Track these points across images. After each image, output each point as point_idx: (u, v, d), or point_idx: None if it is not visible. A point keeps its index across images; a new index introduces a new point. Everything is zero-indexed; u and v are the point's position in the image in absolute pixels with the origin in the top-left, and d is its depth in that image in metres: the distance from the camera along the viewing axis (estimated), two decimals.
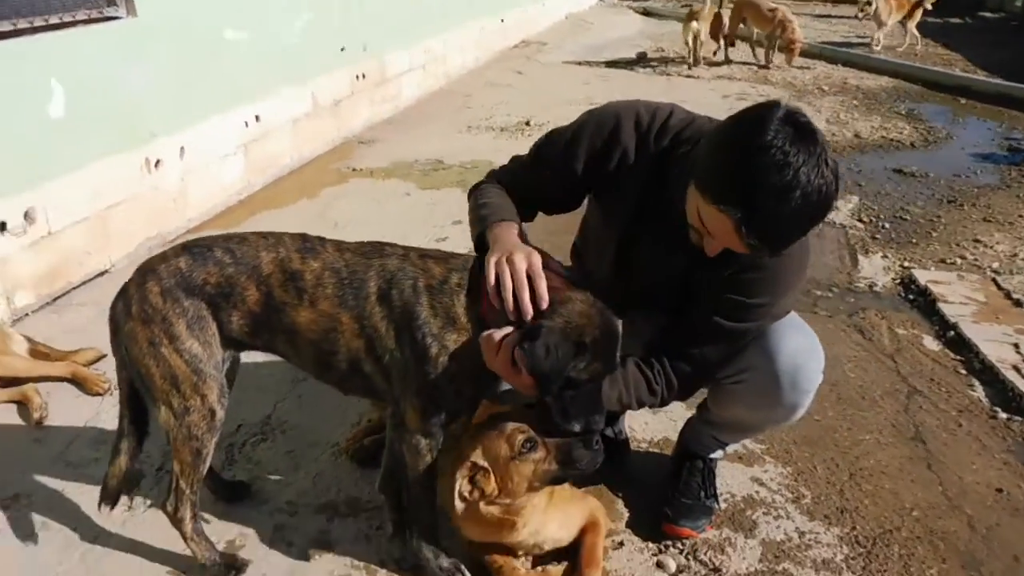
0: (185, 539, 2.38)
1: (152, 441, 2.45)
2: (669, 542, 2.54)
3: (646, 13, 17.53)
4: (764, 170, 1.74)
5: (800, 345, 2.26)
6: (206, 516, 2.66)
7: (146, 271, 2.23)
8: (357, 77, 7.61)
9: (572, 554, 2.40)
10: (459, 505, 2.13)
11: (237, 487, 2.79)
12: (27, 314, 4.11)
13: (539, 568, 2.42)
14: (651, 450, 2.98)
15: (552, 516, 2.30)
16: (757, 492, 2.76)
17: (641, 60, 11.19)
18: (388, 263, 2.16)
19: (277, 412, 3.24)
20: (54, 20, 4.31)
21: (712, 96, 8.97)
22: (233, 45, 5.73)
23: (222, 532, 2.62)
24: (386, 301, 2.12)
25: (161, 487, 2.77)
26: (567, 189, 2.35)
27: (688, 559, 2.48)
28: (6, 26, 4.04)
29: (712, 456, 2.65)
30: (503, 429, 2.10)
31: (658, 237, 2.23)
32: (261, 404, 3.28)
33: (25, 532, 2.66)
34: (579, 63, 11.13)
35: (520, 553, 2.36)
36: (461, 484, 2.10)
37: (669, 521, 2.53)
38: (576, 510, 2.40)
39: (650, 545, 2.54)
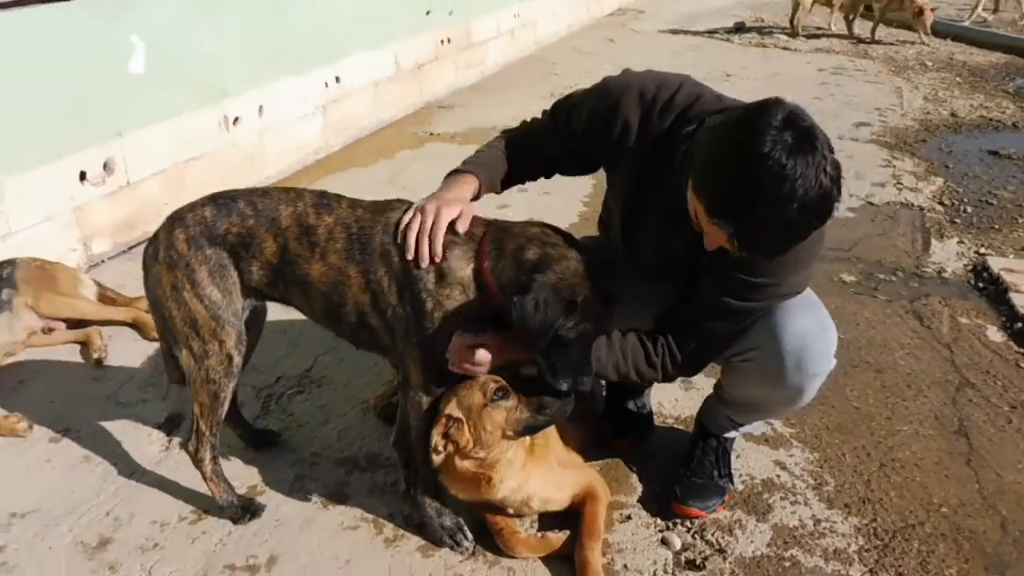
0: (204, 479, 2.50)
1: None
2: (678, 520, 2.51)
3: None
4: (758, 187, 1.71)
5: (808, 326, 2.19)
6: (234, 461, 2.79)
7: (175, 219, 2.33)
8: (442, 41, 7.65)
9: (574, 524, 2.41)
10: (436, 459, 2.18)
11: (266, 435, 2.89)
12: (103, 261, 4.34)
13: (540, 534, 2.44)
14: (677, 427, 2.95)
15: (534, 475, 2.32)
16: (778, 476, 2.70)
17: (739, 30, 10.87)
18: (392, 218, 2.20)
19: (316, 367, 3.34)
20: None
21: (807, 69, 8.66)
22: (315, 6, 5.83)
23: (246, 477, 2.72)
24: (387, 256, 2.17)
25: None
26: (573, 153, 2.36)
27: (695, 538, 2.45)
28: None
29: (727, 436, 2.60)
30: (477, 380, 2.15)
31: (660, 213, 2.19)
32: (302, 359, 3.38)
33: (70, 462, 2.83)
34: (673, 32, 10.90)
35: (511, 511, 2.38)
36: (435, 439, 2.15)
37: (677, 500, 2.50)
38: (569, 476, 2.41)
39: (658, 521, 2.52)
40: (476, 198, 2.34)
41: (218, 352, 2.31)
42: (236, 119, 5.19)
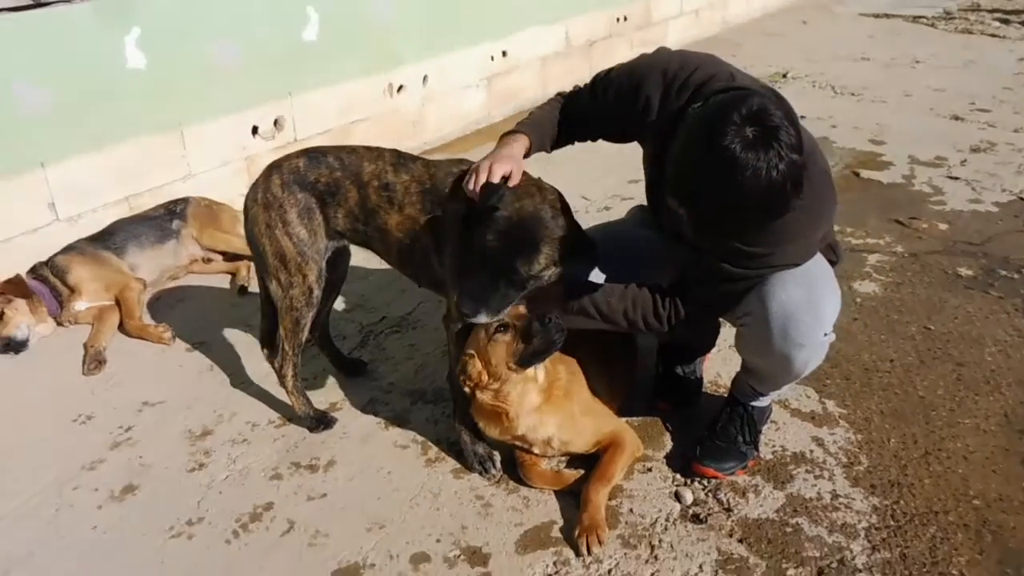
0: (287, 392, 2.91)
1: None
2: (696, 479, 2.64)
3: None
4: (708, 174, 1.89)
5: (795, 297, 2.26)
6: (324, 380, 3.20)
7: (273, 167, 2.72)
8: (618, 19, 7.78)
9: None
10: (467, 393, 2.45)
11: (355, 364, 3.28)
12: None
13: (556, 470, 2.66)
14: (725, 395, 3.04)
15: (553, 417, 2.53)
16: (811, 451, 2.75)
17: (947, 16, 10.17)
18: (457, 172, 2.49)
19: (416, 312, 3.70)
20: None
21: (1008, 58, 8.02)
22: None
23: (329, 395, 3.14)
24: (450, 203, 2.45)
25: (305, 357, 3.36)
26: (609, 123, 2.52)
27: (707, 495, 2.57)
28: None
29: (753, 404, 2.68)
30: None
31: None
32: (406, 304, 3.76)
33: (198, 369, 3.37)
34: (876, 16, 10.36)
35: (536, 450, 2.61)
36: (459, 374, 2.42)
37: (696, 459, 2.64)
38: (591, 422, 2.60)
39: (677, 477, 2.66)
40: (527, 155, 2.54)
41: (301, 284, 2.68)
42: (400, 87, 5.65)
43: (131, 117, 4.18)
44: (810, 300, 2.29)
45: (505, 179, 2.27)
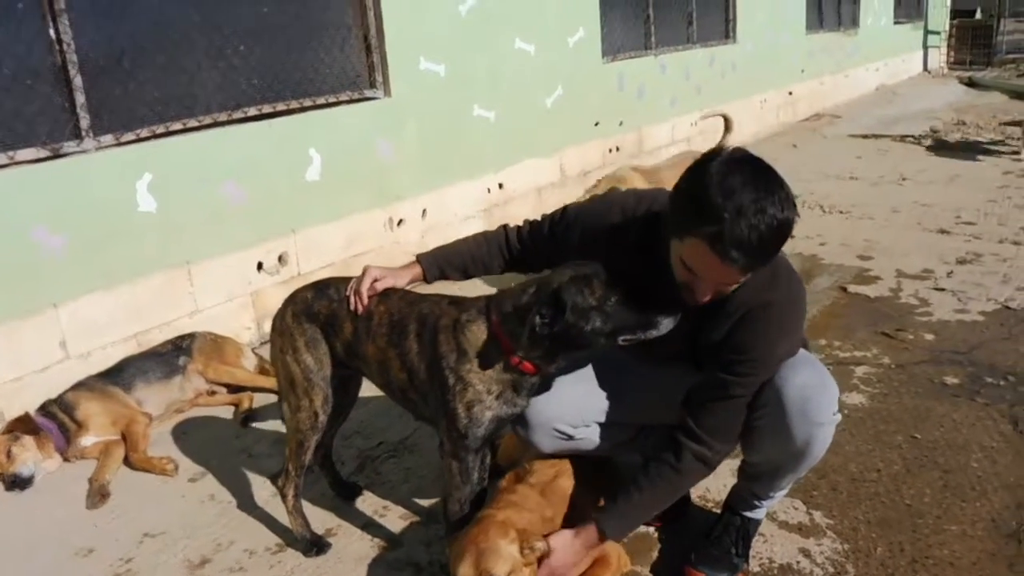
0: (287, 512, 2.98)
1: None
2: None
3: (971, 84, 16.30)
4: (711, 184, 2.04)
5: (808, 379, 2.39)
6: (322, 504, 3.27)
7: (289, 298, 2.89)
8: (610, 150, 8.15)
9: None
10: None
11: (352, 487, 3.35)
12: None
13: None
14: (716, 510, 3.08)
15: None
16: (798, 563, 2.77)
17: (932, 135, 10.54)
18: (423, 308, 2.61)
19: (413, 436, 3.78)
20: (320, 101, 5.34)
21: (992, 172, 8.30)
22: (480, 122, 6.53)
23: (325, 520, 3.19)
24: (419, 339, 2.56)
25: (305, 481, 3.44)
26: (567, 255, 2.59)
27: None
28: (280, 106, 5.11)
29: (748, 514, 2.73)
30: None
31: None
32: (404, 429, 3.84)
33: (200, 498, 3.45)
34: (865, 136, 10.77)
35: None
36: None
37: (690, 564, 2.68)
38: None
39: None
40: (419, 279, 2.80)
41: (307, 408, 2.80)
42: (400, 220, 5.91)
43: (141, 257, 4.40)
44: (822, 382, 2.43)
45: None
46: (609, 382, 2.73)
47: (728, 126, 6.68)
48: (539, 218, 2.78)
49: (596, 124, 7.89)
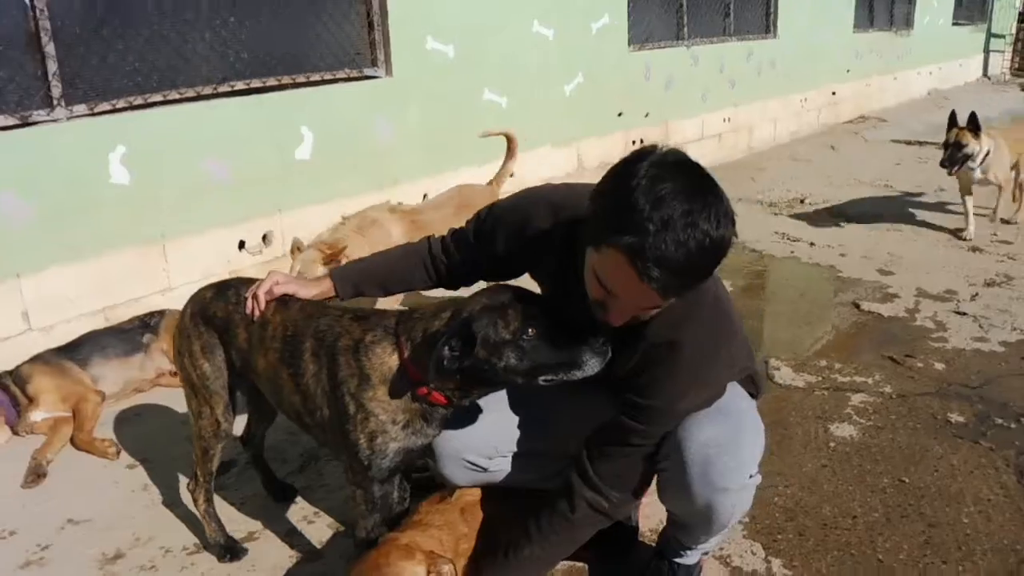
0: (200, 516, 2.81)
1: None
2: None
3: None
4: (637, 189, 1.71)
5: (715, 436, 2.08)
6: (248, 506, 3.10)
7: (192, 296, 2.64)
8: (633, 142, 7.85)
9: None
10: None
11: (284, 489, 3.16)
12: None
13: None
14: None
15: None
16: None
17: None
18: (321, 323, 2.27)
19: None
20: (315, 77, 5.14)
21: None
22: (490, 107, 6.29)
23: (249, 523, 3.01)
24: (316, 359, 2.23)
25: (241, 479, 3.28)
26: (494, 262, 2.39)
27: None
28: (271, 81, 4.93)
29: (678, 561, 2.47)
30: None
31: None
32: None
33: (131, 487, 3.30)
34: (908, 142, 10.30)
35: None
36: None
37: None
38: None
39: None
40: (330, 296, 2.47)
41: (209, 415, 2.58)
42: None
43: (112, 230, 4.26)
44: (731, 439, 2.11)
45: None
46: (525, 408, 2.45)
47: (511, 149, 5.21)
48: (466, 224, 2.48)
49: (619, 115, 7.61)
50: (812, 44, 10.67)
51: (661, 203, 1.70)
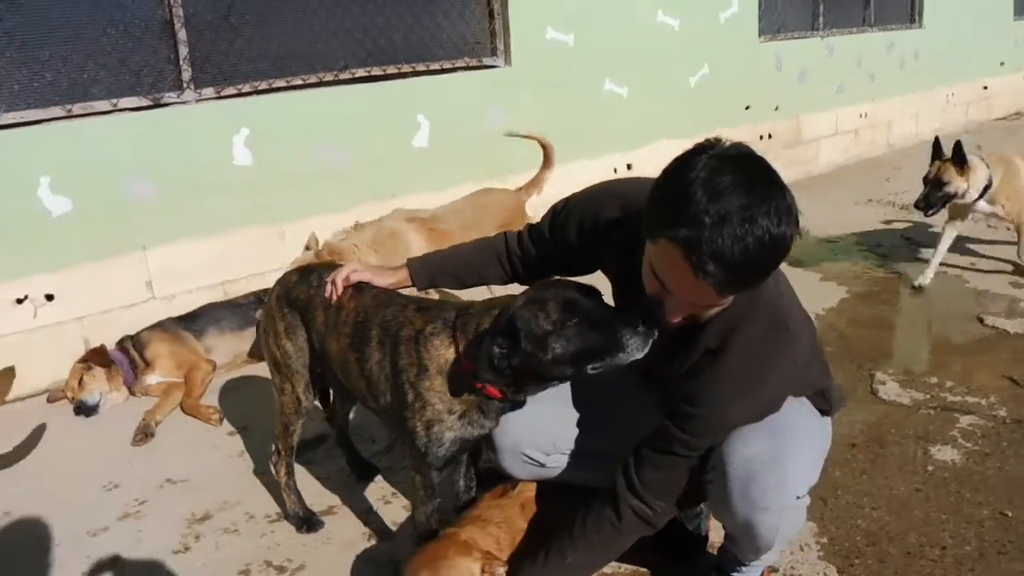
0: (280, 489, 2.95)
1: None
2: None
3: None
4: (696, 181, 1.67)
5: (758, 453, 2.00)
6: (333, 482, 3.23)
7: (279, 279, 2.76)
8: (762, 136, 7.61)
9: None
10: None
11: (367, 468, 3.27)
12: None
13: None
14: None
15: None
16: None
17: None
18: (387, 313, 2.33)
19: None
20: (435, 67, 5.25)
21: None
22: (611, 98, 6.24)
23: (327, 497, 3.15)
24: (381, 347, 2.30)
25: (330, 454, 3.44)
26: (568, 256, 2.35)
27: None
28: (391, 69, 5.06)
29: (734, 575, 2.41)
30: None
31: None
32: None
33: (228, 454, 3.52)
34: None
35: None
36: None
37: None
38: None
39: None
40: (406, 285, 2.51)
41: (290, 392, 2.71)
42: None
43: (234, 208, 4.50)
44: (774, 457, 2.03)
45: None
46: (586, 407, 2.43)
47: (548, 158, 4.93)
48: (542, 218, 2.45)
49: (747, 108, 7.39)
50: (962, 33, 9.99)
51: (719, 196, 1.65)
